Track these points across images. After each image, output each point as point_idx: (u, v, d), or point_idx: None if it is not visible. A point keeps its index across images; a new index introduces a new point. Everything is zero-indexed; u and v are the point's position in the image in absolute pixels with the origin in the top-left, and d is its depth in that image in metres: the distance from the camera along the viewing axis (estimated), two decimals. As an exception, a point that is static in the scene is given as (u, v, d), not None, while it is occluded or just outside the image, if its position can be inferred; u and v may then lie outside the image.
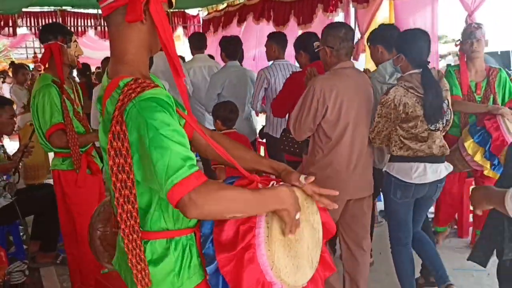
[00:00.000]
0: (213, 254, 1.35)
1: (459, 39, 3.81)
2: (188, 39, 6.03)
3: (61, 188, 3.16)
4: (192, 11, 10.10)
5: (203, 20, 9.74)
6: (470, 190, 2.13)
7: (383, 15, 5.66)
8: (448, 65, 4.05)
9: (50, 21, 8.86)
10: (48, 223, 3.91)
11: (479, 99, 3.76)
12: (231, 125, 3.66)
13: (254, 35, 7.82)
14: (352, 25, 5.83)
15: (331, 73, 2.89)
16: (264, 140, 5.28)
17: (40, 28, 7.06)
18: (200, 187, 1.23)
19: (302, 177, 1.48)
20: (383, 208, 5.01)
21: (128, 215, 1.33)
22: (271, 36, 4.68)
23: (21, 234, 4.16)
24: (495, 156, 3.47)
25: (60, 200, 3.20)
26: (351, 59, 3.02)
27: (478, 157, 3.55)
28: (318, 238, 1.49)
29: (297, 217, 1.34)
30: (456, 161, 3.70)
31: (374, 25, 5.49)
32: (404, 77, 2.90)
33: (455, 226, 4.34)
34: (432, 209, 4.42)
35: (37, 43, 13.78)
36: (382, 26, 3.68)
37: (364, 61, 5.61)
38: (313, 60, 3.60)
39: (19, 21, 8.70)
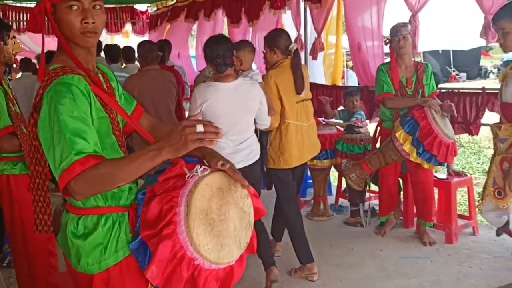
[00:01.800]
0: (139, 231, 1.46)
1: (388, 38, 4.03)
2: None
3: (9, 194, 2.92)
4: (141, 7, 9.93)
5: (151, 15, 9.59)
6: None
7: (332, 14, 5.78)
8: (380, 64, 4.23)
9: (-11, 15, 8.44)
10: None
11: (411, 93, 4.00)
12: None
13: (208, 32, 7.80)
14: (303, 23, 5.95)
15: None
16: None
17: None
18: (78, 175, 1.33)
19: (219, 163, 1.53)
20: (333, 202, 5.19)
21: (37, 174, 1.54)
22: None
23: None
24: (422, 143, 3.72)
25: (7, 206, 2.96)
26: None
27: (407, 146, 3.79)
28: (248, 221, 1.55)
29: (199, 129, 1.31)
30: (390, 152, 3.90)
31: (329, 24, 5.63)
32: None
33: (401, 217, 4.53)
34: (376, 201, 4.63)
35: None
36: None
37: (322, 60, 5.71)
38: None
39: (-46, 15, 8.23)
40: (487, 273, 3.53)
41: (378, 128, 4.29)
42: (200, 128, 1.30)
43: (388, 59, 4.24)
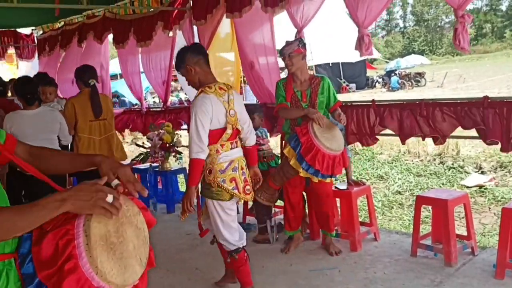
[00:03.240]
0: (33, 273, 1.35)
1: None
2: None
3: None
4: (24, 30, 9.30)
5: (37, 39, 9.03)
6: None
7: (225, 31, 5.82)
8: (278, 80, 4.33)
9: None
10: None
11: (306, 106, 4.06)
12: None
13: (97, 54, 7.50)
14: (196, 41, 5.92)
15: None
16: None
17: None
18: None
19: (114, 182, 1.51)
20: (241, 221, 5.15)
21: None
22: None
23: None
24: (304, 158, 3.76)
25: None
26: None
27: (292, 161, 3.84)
28: (144, 237, 1.55)
29: (109, 199, 1.35)
30: (287, 167, 3.96)
31: (216, 41, 5.65)
32: None
33: (308, 231, 4.62)
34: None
35: None
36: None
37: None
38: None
39: None
40: (390, 277, 3.68)
41: (283, 141, 4.36)
42: (110, 198, 1.35)
43: (284, 74, 4.33)
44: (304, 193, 4.44)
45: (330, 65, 23.66)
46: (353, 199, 4.26)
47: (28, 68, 9.49)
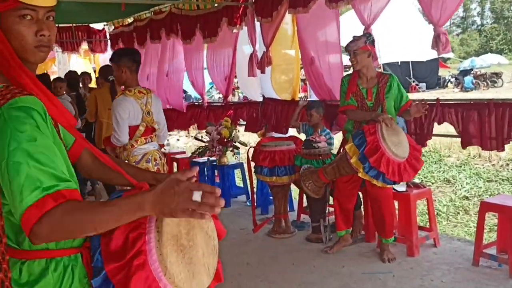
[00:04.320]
0: (101, 266, 1.27)
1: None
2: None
3: None
4: (97, 26, 9.74)
5: (110, 34, 9.41)
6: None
7: (286, 28, 5.75)
8: (344, 76, 4.23)
9: None
10: None
11: (371, 105, 3.92)
12: None
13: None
14: (258, 38, 5.91)
15: None
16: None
17: None
18: (43, 217, 1.11)
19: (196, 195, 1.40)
20: (295, 219, 5.10)
21: None
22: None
23: None
24: (367, 159, 3.61)
25: None
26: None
27: (354, 160, 3.70)
28: (213, 246, 1.45)
29: (196, 197, 1.08)
30: (344, 164, 3.84)
31: (278, 37, 5.61)
32: None
33: (363, 232, 4.48)
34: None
35: None
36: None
37: (270, 74, 5.67)
38: None
39: None
40: (448, 285, 3.49)
41: (343, 139, 4.27)
42: (197, 196, 1.09)
43: (351, 71, 4.22)
44: (360, 193, 4.31)
45: (399, 63, 22.91)
46: (411, 202, 4.07)
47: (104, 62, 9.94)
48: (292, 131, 5.59)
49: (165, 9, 7.25)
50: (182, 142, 12.79)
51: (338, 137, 4.91)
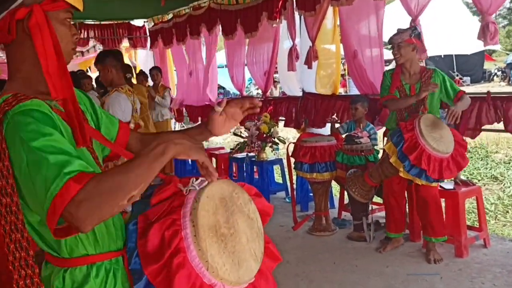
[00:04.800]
0: (140, 269, 1.23)
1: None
2: None
3: None
4: (137, 22, 9.85)
5: (149, 31, 9.50)
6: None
7: (328, 22, 5.62)
8: (386, 70, 4.09)
9: None
10: None
11: (413, 103, 3.77)
12: None
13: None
14: (298, 32, 5.80)
15: None
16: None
17: None
18: (75, 197, 1.05)
19: (216, 107, 1.47)
20: (336, 216, 4.99)
21: (17, 245, 1.15)
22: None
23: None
24: (407, 157, 3.45)
25: None
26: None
27: (393, 159, 3.55)
28: (258, 228, 1.38)
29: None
30: (386, 164, 3.70)
31: (322, 31, 5.49)
32: None
33: (407, 231, 4.31)
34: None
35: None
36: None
37: (315, 68, 5.56)
38: None
39: None
40: (500, 289, 3.31)
41: (385, 138, 4.13)
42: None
43: (391, 66, 4.08)
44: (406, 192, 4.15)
45: (442, 57, 22.24)
46: (460, 200, 3.89)
47: (145, 58, 10.08)
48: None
49: (204, 5, 7.24)
50: (221, 137, 12.82)
51: (380, 133, 4.77)
